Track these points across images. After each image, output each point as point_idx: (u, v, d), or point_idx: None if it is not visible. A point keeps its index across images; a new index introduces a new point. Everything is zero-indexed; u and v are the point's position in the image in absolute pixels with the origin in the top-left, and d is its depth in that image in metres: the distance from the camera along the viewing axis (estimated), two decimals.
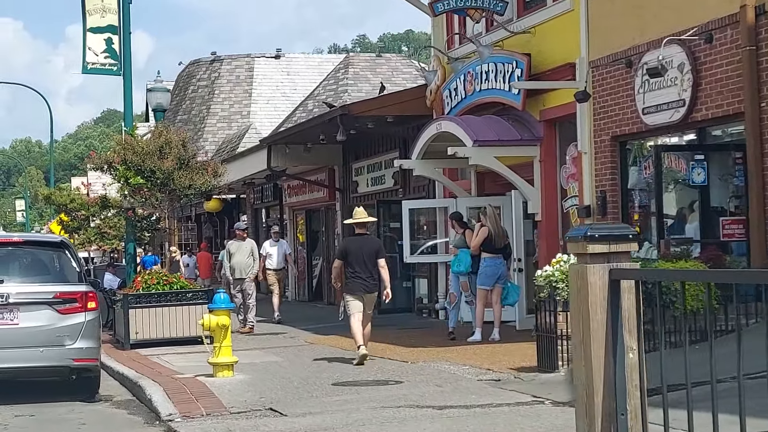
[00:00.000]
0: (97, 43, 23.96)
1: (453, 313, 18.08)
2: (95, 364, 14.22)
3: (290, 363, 15.80)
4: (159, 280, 19.63)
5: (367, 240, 16.30)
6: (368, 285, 15.69)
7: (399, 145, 25.45)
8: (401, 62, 41.59)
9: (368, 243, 16.13)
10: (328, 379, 13.52)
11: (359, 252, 15.76)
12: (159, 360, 17.03)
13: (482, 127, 18.96)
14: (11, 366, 13.60)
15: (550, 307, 12.61)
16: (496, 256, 17.38)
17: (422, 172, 21.41)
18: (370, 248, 15.89)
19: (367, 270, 15.67)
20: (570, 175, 18.22)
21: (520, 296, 18.18)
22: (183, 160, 20.25)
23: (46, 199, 38.40)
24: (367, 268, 15.66)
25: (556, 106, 18.25)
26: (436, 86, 21.89)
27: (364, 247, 15.87)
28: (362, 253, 15.72)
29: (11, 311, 13.57)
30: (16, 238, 15.45)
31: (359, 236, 16.28)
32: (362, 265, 15.63)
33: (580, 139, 17.21)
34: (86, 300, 13.97)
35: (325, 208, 31.54)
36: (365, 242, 16.10)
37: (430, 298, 23.96)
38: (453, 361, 14.73)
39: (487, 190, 21.47)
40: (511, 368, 13.46)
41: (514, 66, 18.66)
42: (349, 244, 16.40)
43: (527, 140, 18.80)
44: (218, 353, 13.89)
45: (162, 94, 24.46)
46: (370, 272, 15.70)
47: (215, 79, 45.26)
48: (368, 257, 15.70)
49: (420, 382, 12.87)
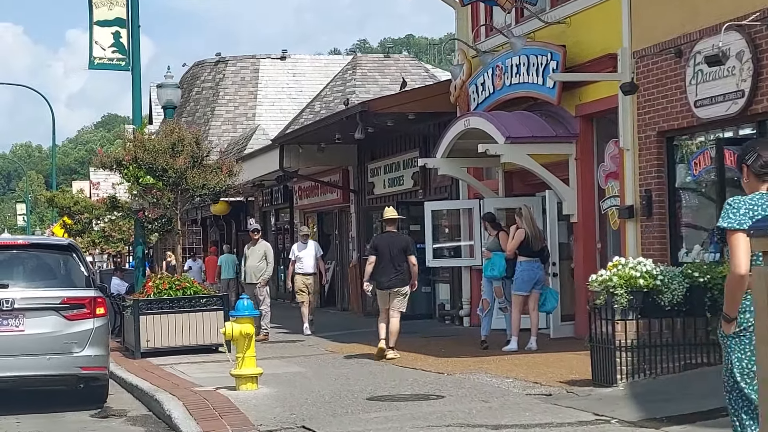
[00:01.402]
0: (104, 37, 22.91)
1: (486, 321, 16.98)
2: (104, 373, 13.37)
3: (315, 374, 14.71)
4: (171, 284, 18.55)
5: (397, 237, 16.78)
6: (395, 280, 16.26)
7: (419, 143, 24.37)
8: (409, 63, 40.93)
9: (397, 240, 16.65)
10: (362, 393, 12.43)
11: (388, 248, 16.35)
12: (173, 370, 15.95)
13: (514, 122, 17.89)
14: (16, 374, 12.80)
15: (606, 315, 11.51)
16: (533, 259, 16.31)
17: (447, 172, 20.34)
18: (399, 245, 16.45)
19: (395, 266, 16.26)
20: (609, 174, 17.16)
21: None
22: (196, 159, 19.15)
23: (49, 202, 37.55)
24: (394, 264, 16.25)
25: (594, 100, 17.19)
26: (462, 81, 20.82)
27: (393, 244, 16.44)
28: (390, 250, 16.32)
29: (16, 317, 12.73)
30: (21, 240, 14.42)
31: (389, 233, 16.83)
32: (390, 261, 16.26)
33: (622, 135, 16.13)
34: (95, 306, 13.10)
35: (338, 211, 30.45)
36: (394, 239, 16.61)
37: (453, 304, 22.87)
38: (493, 372, 13.65)
39: (515, 190, 20.39)
40: (561, 381, 12.37)
41: (549, 58, 17.60)
42: (379, 240, 16.92)
43: (562, 137, 17.73)
44: (241, 364, 12.80)
45: (172, 90, 23.34)
46: (397, 268, 16.27)
47: (220, 81, 44.43)
48: (397, 254, 16.28)
49: (463, 397, 11.78)
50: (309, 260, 22.48)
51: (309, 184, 31.47)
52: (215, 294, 19.07)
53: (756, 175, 5.56)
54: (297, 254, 22.55)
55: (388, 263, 16.19)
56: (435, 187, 23.85)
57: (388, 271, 16.19)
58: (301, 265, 22.41)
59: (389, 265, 16.19)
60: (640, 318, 11.34)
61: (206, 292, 18.93)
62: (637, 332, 11.40)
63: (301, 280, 22.30)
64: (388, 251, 16.24)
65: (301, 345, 19.56)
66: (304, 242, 22.81)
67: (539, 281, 16.31)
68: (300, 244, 22.87)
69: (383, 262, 16.24)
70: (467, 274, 21.83)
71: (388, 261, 16.19)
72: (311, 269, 22.50)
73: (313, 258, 22.56)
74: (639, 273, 11.20)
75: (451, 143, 19.33)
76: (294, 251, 22.79)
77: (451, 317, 22.62)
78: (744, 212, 5.28)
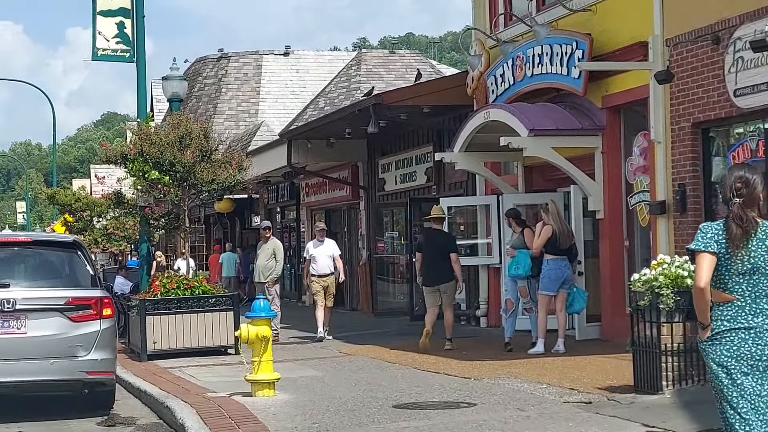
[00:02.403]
0: (107, 27, 22.08)
1: (510, 322, 16.18)
2: (111, 378, 12.60)
3: (333, 378, 13.93)
4: (179, 284, 17.77)
5: (439, 235, 17.61)
6: (438, 277, 17.02)
7: (433, 138, 23.59)
8: (415, 59, 40.19)
9: (440, 237, 17.49)
10: (386, 400, 11.65)
11: (430, 246, 17.24)
12: (182, 374, 15.17)
13: (538, 114, 17.11)
14: (18, 379, 12.00)
15: (651, 317, 10.73)
16: (560, 257, 15.51)
17: (465, 166, 19.56)
18: (442, 243, 17.25)
19: (438, 263, 16.96)
20: (637, 168, 16.40)
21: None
22: (205, 152, 18.34)
23: (50, 199, 36.75)
24: (436, 261, 16.97)
25: (622, 91, 16.43)
26: (479, 73, 20.05)
27: (435, 242, 17.28)
28: (433, 247, 17.14)
29: (18, 319, 11.93)
30: (23, 237, 13.53)
31: (433, 231, 17.73)
32: (433, 258, 17.01)
33: (653, 126, 15.36)
34: (101, 306, 12.31)
35: (347, 208, 29.66)
36: (437, 237, 17.48)
37: (469, 304, 22.07)
38: (523, 377, 12.87)
39: (535, 186, 19.62)
40: (599, 388, 11.59)
41: (574, 47, 16.82)
42: (423, 238, 18.07)
43: (588, 129, 16.95)
44: (257, 369, 12.00)
45: (178, 83, 22.51)
46: (439, 265, 16.96)
47: (222, 77, 43.77)
48: (440, 251, 17.01)
49: (496, 405, 11.00)
50: (323, 260, 20.19)
51: (316, 181, 30.67)
52: (225, 293, 18.24)
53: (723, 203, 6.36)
54: (311, 253, 20.33)
55: (434, 261, 16.92)
56: (449, 183, 23.07)
57: (434, 269, 16.95)
58: (315, 265, 20.19)
59: (434, 263, 16.92)
60: (688, 320, 10.55)
61: (215, 292, 18.12)
62: (684, 335, 10.61)
63: (316, 282, 20.11)
64: (431, 249, 17.07)
65: (313, 347, 18.79)
66: (321, 239, 20.51)
67: (567, 280, 15.52)
68: (316, 241, 20.65)
69: (428, 259, 17.03)
70: (484, 273, 21.05)
71: (433, 258, 16.93)
72: (326, 270, 20.16)
73: (328, 257, 20.27)
74: (687, 272, 10.40)
75: (469, 137, 18.55)
76: (308, 249, 20.64)
77: (467, 317, 21.84)
78: (710, 236, 6.13)
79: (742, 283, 6.08)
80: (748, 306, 6.06)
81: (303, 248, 27.57)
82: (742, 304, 6.06)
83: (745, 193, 6.13)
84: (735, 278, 6.09)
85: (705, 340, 6.20)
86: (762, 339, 6.03)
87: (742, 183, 6.15)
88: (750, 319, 6.06)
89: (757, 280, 6.08)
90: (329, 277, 20.21)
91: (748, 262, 6.07)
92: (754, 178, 6.20)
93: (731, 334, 6.07)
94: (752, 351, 6.03)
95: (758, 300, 6.07)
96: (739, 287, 6.09)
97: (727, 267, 6.10)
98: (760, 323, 6.04)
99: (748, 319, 6.06)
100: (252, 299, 15.50)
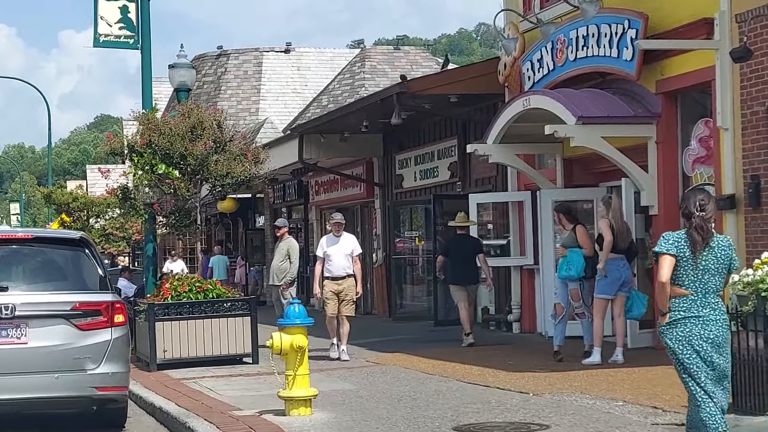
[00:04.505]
0: (110, 11, 20.55)
1: (560, 328, 14.65)
2: (123, 394, 11.09)
3: (370, 393, 12.41)
4: (191, 286, 16.25)
5: (467, 238, 18.34)
6: (467, 278, 17.83)
7: (457, 130, 22.07)
8: (420, 55, 39.04)
9: (467, 240, 18.24)
10: (442, 420, 10.14)
11: (459, 249, 17.95)
12: (198, 386, 13.66)
13: (584, 101, 15.62)
14: (17, 397, 10.45)
15: (756, 326, 9.24)
16: (618, 257, 13.99)
17: (499, 159, 18.06)
18: (470, 246, 18.00)
19: (466, 265, 17.76)
20: (696, 159, 14.94)
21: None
22: (219, 143, 16.79)
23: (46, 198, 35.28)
24: (466, 263, 17.74)
25: (680, 74, 14.94)
26: (513, 59, 18.56)
27: (463, 244, 18.04)
28: (461, 250, 17.86)
29: (18, 327, 10.43)
30: (24, 233, 11.81)
31: (459, 235, 18.38)
32: (464, 260, 17.74)
33: (720, 112, 13.86)
34: (112, 312, 10.80)
35: (360, 206, 28.11)
36: (464, 240, 18.24)
37: (499, 308, 20.57)
38: (590, 392, 11.37)
39: (575, 180, 18.12)
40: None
41: (626, 26, 15.34)
42: (450, 242, 18.63)
43: (642, 117, 15.46)
44: (292, 384, 10.48)
45: (185, 71, 20.90)
46: (468, 267, 17.79)
47: (222, 75, 42.49)
48: (468, 254, 17.78)
49: (574, 427, 9.50)
50: (340, 259, 16.50)
51: (327, 178, 29.13)
52: (241, 297, 16.70)
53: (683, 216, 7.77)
54: (325, 250, 16.63)
55: (462, 262, 17.71)
56: (476, 179, 21.56)
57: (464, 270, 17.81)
58: (330, 266, 16.51)
59: (463, 264, 17.72)
60: None
61: (231, 295, 16.60)
62: None
63: (330, 286, 16.47)
64: (460, 251, 17.88)
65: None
66: (337, 234, 16.68)
67: (626, 283, 14.01)
68: (331, 236, 16.82)
69: (459, 261, 17.76)
70: (517, 274, 19.55)
71: (462, 260, 17.71)
72: (343, 271, 16.45)
73: (346, 257, 16.54)
74: None
75: (506, 126, 17.07)
76: (321, 246, 16.85)
77: (497, 322, 20.33)
78: (672, 243, 7.57)
79: (695, 281, 7.53)
80: (699, 300, 7.54)
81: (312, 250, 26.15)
82: (694, 298, 7.54)
83: (707, 209, 7.60)
84: (690, 277, 7.54)
85: (664, 324, 7.65)
86: (708, 326, 7.51)
87: (705, 201, 7.64)
88: (700, 310, 7.52)
89: (707, 279, 7.54)
90: (346, 280, 16.52)
91: (701, 265, 7.52)
92: (711, 199, 7.76)
93: (685, 321, 7.53)
94: (701, 334, 7.50)
95: (707, 295, 7.54)
96: (692, 284, 7.54)
97: (684, 268, 7.53)
98: (708, 313, 7.52)
99: (698, 310, 7.52)
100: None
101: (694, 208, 7.59)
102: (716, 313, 7.56)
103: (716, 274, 7.56)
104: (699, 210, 7.58)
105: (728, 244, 7.70)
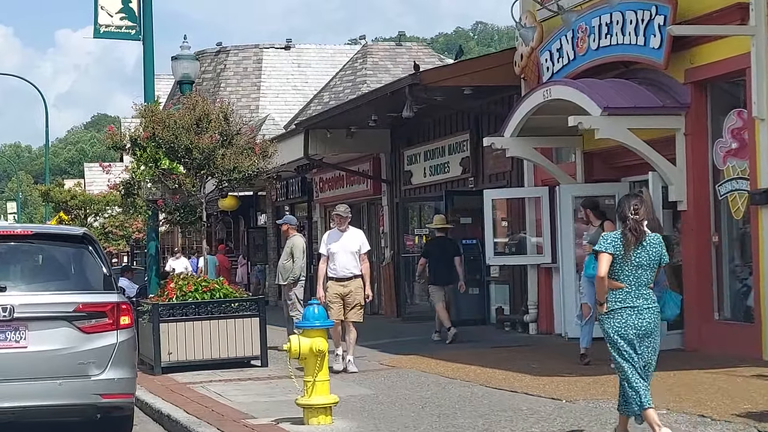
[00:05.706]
0: (111, 1, 19.82)
1: (586, 330, 13.96)
2: (129, 401, 10.32)
3: (391, 399, 11.69)
4: (197, 286, 15.53)
5: (445, 241, 18.90)
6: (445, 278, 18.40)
7: (469, 124, 21.35)
8: (423, 51, 38.53)
9: (446, 243, 18.81)
10: (473, 429, 9.44)
11: (438, 251, 18.63)
12: (206, 391, 12.95)
13: (609, 91, 14.94)
14: (16, 405, 9.70)
15: None
16: None
17: (517, 153, 17.36)
18: (449, 248, 18.59)
19: (446, 266, 18.32)
20: (729, 152, 14.26)
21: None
22: (226, 136, 16.07)
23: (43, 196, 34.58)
24: (444, 264, 18.36)
25: (711, 63, 14.28)
26: (530, 49, 17.86)
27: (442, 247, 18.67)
28: (440, 252, 18.53)
29: (17, 330, 9.69)
30: (23, 229, 11.04)
31: (438, 238, 19.07)
32: (442, 262, 18.38)
33: (755, 101, 13.19)
34: (118, 314, 10.03)
35: (367, 204, 27.37)
36: (443, 243, 18.84)
37: (514, 308, 19.86)
38: None
39: (596, 175, 17.43)
40: (737, 415, 9.40)
41: (654, 12, 14.65)
42: (430, 245, 19.53)
43: (670, 108, 14.77)
44: (312, 391, 9.76)
45: (189, 62, 20.20)
46: (446, 268, 18.33)
47: (221, 72, 41.87)
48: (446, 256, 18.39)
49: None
50: (345, 258, 14.58)
51: (332, 175, 28.39)
52: (249, 297, 15.98)
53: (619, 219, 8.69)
54: (328, 247, 14.70)
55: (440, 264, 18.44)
56: (489, 174, 20.84)
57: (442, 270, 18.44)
58: (334, 265, 14.61)
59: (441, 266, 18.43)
60: None
61: (238, 295, 15.89)
62: None
63: (335, 287, 14.58)
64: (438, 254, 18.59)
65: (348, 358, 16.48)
66: (341, 229, 14.75)
67: (657, 282, 13.23)
68: (335, 231, 14.88)
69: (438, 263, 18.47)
70: (534, 273, 18.84)
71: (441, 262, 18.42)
72: (349, 271, 14.54)
73: (352, 254, 14.61)
74: None
75: (524, 119, 16.38)
76: (324, 242, 14.97)
77: (512, 323, 19.61)
78: (609, 242, 8.50)
79: (630, 276, 8.40)
80: (633, 292, 8.41)
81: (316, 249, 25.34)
82: (629, 290, 8.41)
83: (640, 213, 8.42)
84: (625, 272, 8.40)
85: (603, 314, 8.52)
86: (641, 315, 8.40)
87: (638, 206, 8.43)
88: (634, 301, 8.41)
89: (641, 274, 8.41)
90: (352, 281, 14.58)
91: (635, 261, 8.38)
92: (644, 203, 8.58)
93: (621, 311, 8.39)
94: (635, 323, 8.37)
95: (640, 288, 8.43)
96: (627, 278, 8.41)
97: (620, 264, 8.38)
98: (641, 304, 8.41)
99: (633, 302, 8.39)
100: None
101: (629, 211, 8.44)
102: (648, 302, 8.47)
103: (648, 269, 8.45)
104: (633, 213, 8.42)
105: (659, 242, 8.54)
